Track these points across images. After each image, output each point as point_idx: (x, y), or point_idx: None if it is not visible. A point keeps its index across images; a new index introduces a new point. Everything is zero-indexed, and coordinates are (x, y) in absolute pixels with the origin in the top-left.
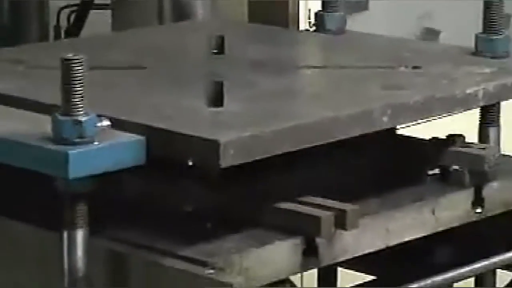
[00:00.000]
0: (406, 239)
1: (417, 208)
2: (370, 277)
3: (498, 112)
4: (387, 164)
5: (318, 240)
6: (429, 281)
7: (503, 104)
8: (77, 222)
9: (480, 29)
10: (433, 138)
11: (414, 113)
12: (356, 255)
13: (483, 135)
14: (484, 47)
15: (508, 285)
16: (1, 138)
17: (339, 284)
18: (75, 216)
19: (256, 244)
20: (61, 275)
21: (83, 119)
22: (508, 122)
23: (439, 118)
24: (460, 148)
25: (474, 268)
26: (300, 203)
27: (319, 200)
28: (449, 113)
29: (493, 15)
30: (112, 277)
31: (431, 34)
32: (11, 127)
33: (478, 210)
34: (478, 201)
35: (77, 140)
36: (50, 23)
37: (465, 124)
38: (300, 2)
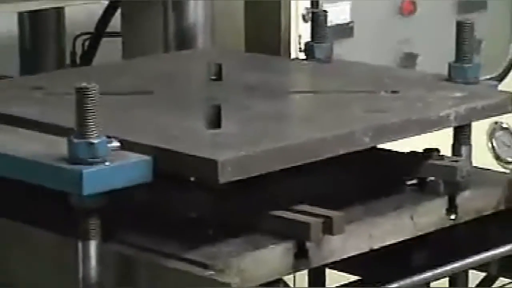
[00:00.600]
0: (388, 243)
1: (397, 215)
2: (355, 277)
3: (470, 132)
4: (370, 176)
5: (308, 244)
6: (408, 281)
7: None
8: (90, 234)
9: (448, 52)
10: (411, 152)
11: (392, 133)
12: (343, 257)
13: (456, 153)
14: (456, 74)
15: (479, 284)
16: (21, 158)
17: (327, 283)
18: (88, 229)
19: (252, 248)
20: (75, 281)
21: (95, 141)
22: (477, 136)
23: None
24: (436, 161)
25: (448, 268)
26: (292, 211)
27: (309, 208)
28: (424, 133)
29: (465, 45)
30: (121, 278)
31: (409, 57)
32: (31, 148)
33: (452, 217)
34: (452, 208)
35: (90, 160)
36: (66, 49)
37: (440, 139)
38: (291, 28)
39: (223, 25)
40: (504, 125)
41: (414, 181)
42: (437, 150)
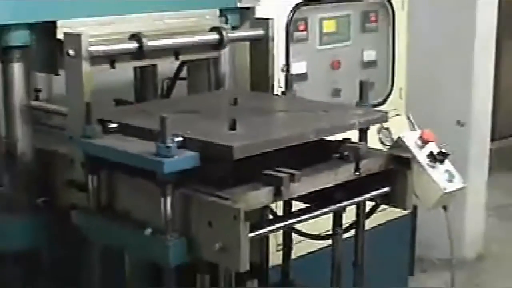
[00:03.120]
0: (322, 187)
1: (328, 172)
2: (307, 205)
3: (367, 132)
4: (315, 153)
5: (282, 187)
6: (333, 207)
7: None
8: (167, 193)
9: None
10: (337, 140)
11: (325, 133)
12: (300, 194)
13: (360, 141)
14: (360, 104)
15: (371, 208)
16: (132, 153)
17: (293, 208)
18: (166, 191)
19: (252, 189)
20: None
21: (170, 145)
22: (372, 132)
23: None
24: (349, 144)
25: (355, 200)
26: (274, 171)
27: (283, 169)
28: (343, 132)
29: (364, 90)
30: (183, 209)
31: (336, 91)
32: (138, 148)
33: (357, 173)
34: (357, 169)
35: (168, 155)
36: (158, 87)
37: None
38: (275, 76)
39: (239, 75)
40: (386, 127)
41: (337, 155)
42: (349, 139)
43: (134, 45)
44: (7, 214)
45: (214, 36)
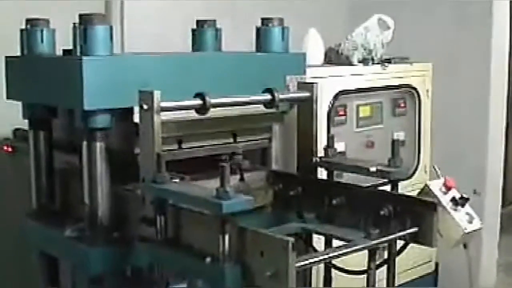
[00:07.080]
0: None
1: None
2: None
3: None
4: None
5: None
6: (367, 245)
7: None
8: (225, 230)
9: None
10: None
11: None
12: None
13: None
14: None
15: (401, 247)
16: (196, 196)
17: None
18: (224, 226)
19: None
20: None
21: (228, 189)
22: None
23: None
24: (236, 160)
25: (387, 239)
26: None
27: (180, 175)
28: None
29: (396, 148)
30: (237, 240)
31: (369, 143)
32: (200, 193)
33: (242, 181)
34: (241, 179)
35: (225, 197)
36: None
37: None
38: (318, 136)
39: (289, 130)
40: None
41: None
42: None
43: (198, 102)
44: (87, 245)
45: (267, 97)
